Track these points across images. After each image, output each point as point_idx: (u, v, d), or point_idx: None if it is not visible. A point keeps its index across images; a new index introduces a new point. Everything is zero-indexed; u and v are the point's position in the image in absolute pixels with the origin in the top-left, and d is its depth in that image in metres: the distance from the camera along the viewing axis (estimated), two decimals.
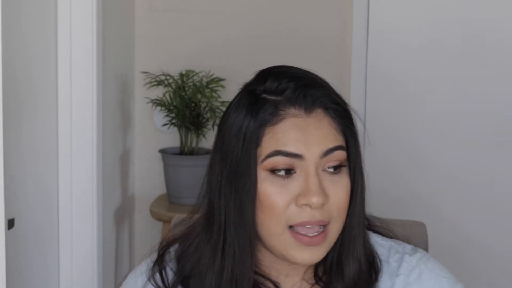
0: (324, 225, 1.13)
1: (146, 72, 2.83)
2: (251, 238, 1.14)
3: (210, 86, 2.76)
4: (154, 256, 1.24)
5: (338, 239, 1.17)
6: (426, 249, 1.51)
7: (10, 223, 1.97)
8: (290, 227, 1.12)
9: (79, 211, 2.45)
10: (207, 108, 2.76)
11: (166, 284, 1.20)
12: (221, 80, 2.79)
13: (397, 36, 2.88)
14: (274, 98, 1.14)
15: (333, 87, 1.20)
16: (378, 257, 1.22)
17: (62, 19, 2.37)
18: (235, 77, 2.89)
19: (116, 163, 2.81)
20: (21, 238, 2.18)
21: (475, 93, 2.85)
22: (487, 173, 2.86)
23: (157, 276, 1.22)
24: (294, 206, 1.11)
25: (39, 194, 2.35)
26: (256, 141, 1.13)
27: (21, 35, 2.15)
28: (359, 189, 1.17)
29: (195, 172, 2.77)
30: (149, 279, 1.21)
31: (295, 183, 1.12)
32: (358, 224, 1.17)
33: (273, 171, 1.12)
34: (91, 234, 2.48)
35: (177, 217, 1.48)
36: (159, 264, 1.22)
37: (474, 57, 2.84)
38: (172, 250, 1.24)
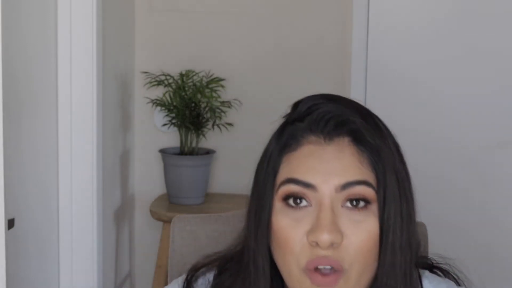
0: (339, 270, 1.01)
1: (146, 72, 2.83)
2: (265, 273, 1.06)
3: (210, 86, 2.75)
4: (183, 277, 1.17)
5: None
6: (426, 249, 1.51)
7: (10, 223, 1.97)
8: (307, 269, 1.02)
9: (79, 211, 2.45)
10: (207, 108, 2.75)
11: None
12: (221, 80, 2.79)
13: (397, 36, 2.88)
14: (299, 123, 1.05)
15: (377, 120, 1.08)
16: None
17: (62, 19, 2.37)
18: (235, 77, 2.91)
19: (116, 163, 2.81)
20: (21, 238, 2.18)
21: (476, 92, 2.85)
22: (487, 173, 2.86)
23: None
24: (305, 243, 1.01)
25: (39, 194, 2.35)
26: (274, 169, 1.05)
27: (21, 35, 2.15)
28: (390, 234, 1.02)
29: (195, 172, 2.77)
30: None
31: (308, 217, 1.01)
32: (394, 274, 1.04)
33: (286, 200, 1.03)
34: (91, 234, 2.48)
35: (177, 217, 1.48)
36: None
37: (474, 56, 2.84)
38: (208, 275, 1.16)
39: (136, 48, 3.01)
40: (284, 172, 1.04)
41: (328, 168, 1.02)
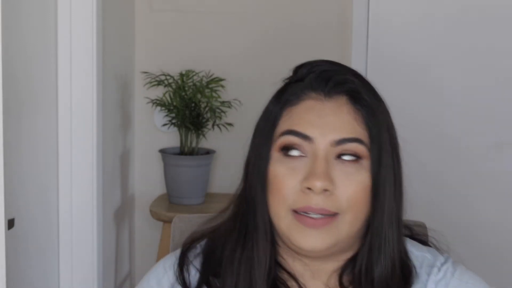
0: (331, 215, 1.08)
1: (146, 72, 2.83)
2: (265, 223, 1.12)
3: (210, 86, 2.75)
4: (178, 252, 1.20)
5: (365, 242, 1.12)
6: None
7: (10, 223, 1.97)
8: (294, 211, 1.08)
9: (79, 211, 2.45)
10: (207, 108, 2.75)
11: (188, 283, 1.16)
12: (221, 80, 2.79)
13: (396, 36, 2.88)
14: (299, 82, 1.13)
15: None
16: (414, 267, 1.17)
17: (62, 19, 2.37)
18: (235, 77, 2.91)
19: (116, 163, 2.81)
20: (21, 238, 2.18)
21: (476, 92, 2.85)
22: (487, 173, 2.86)
23: (180, 273, 1.18)
24: (299, 190, 1.08)
25: (39, 194, 2.35)
26: (274, 121, 1.12)
27: (21, 35, 2.15)
28: (387, 188, 1.10)
29: (195, 172, 2.77)
30: (177, 279, 1.17)
31: (303, 167, 1.08)
32: (390, 224, 1.11)
33: (284, 150, 1.10)
34: (91, 234, 2.48)
35: (177, 217, 1.48)
36: (182, 261, 1.18)
37: (475, 56, 2.84)
38: (199, 246, 1.21)
39: (136, 48, 3.01)
40: (285, 124, 1.11)
41: (326, 123, 1.09)
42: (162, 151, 2.83)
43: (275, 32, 2.94)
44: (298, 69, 1.16)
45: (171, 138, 2.95)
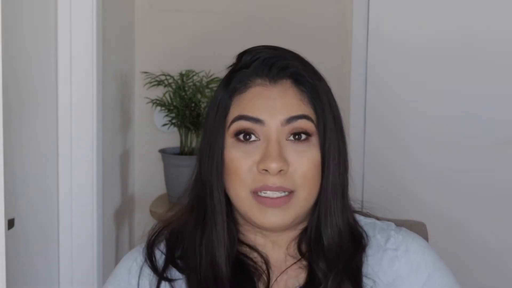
0: (289, 192, 1.15)
1: (146, 72, 2.83)
2: (222, 204, 1.19)
3: (210, 86, 2.75)
4: (145, 244, 1.27)
5: (315, 212, 1.20)
6: None
7: (10, 223, 1.97)
8: (254, 192, 1.16)
9: (79, 211, 2.45)
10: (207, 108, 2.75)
11: (156, 266, 1.23)
12: (221, 80, 2.78)
13: (397, 35, 2.88)
14: (244, 70, 1.21)
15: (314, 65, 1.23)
16: (365, 231, 1.25)
17: (62, 19, 2.37)
18: None
19: (116, 163, 2.81)
20: (21, 238, 2.18)
21: (475, 92, 2.85)
22: (487, 173, 2.86)
23: (148, 259, 1.25)
24: (255, 172, 1.15)
25: (39, 194, 2.35)
26: (225, 109, 1.19)
27: (21, 35, 2.15)
28: (331, 161, 1.18)
29: None
30: (145, 261, 1.24)
31: (257, 149, 1.16)
32: (334, 195, 1.19)
33: (237, 136, 1.17)
34: (91, 234, 2.48)
35: None
36: (150, 248, 1.26)
37: (474, 57, 2.84)
38: (165, 231, 1.28)
39: (136, 48, 3.01)
40: (235, 111, 1.18)
41: (274, 105, 1.16)
42: (162, 151, 2.83)
43: (275, 32, 2.94)
44: (241, 56, 1.24)
45: (171, 138, 2.95)
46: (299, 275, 1.22)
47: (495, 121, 2.84)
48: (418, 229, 1.57)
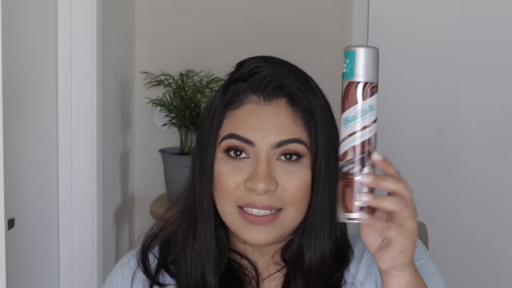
0: (277, 210, 1.15)
1: (146, 72, 2.83)
2: (209, 215, 1.19)
3: (210, 86, 2.75)
4: (140, 247, 1.29)
5: (299, 230, 1.20)
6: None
7: (10, 223, 1.97)
8: (240, 207, 1.16)
9: (79, 211, 2.45)
10: None
11: (149, 270, 1.25)
12: (221, 80, 2.79)
13: (397, 31, 2.88)
14: (242, 83, 1.19)
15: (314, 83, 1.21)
16: (351, 247, 1.24)
17: (62, 19, 2.37)
18: None
19: (116, 163, 2.81)
20: (21, 238, 2.18)
21: (476, 91, 2.85)
22: (487, 173, 2.86)
23: (141, 264, 1.26)
24: (242, 188, 1.15)
25: (39, 194, 2.35)
26: (218, 123, 1.18)
27: (21, 35, 2.15)
28: (321, 182, 1.17)
29: None
30: (138, 264, 1.26)
31: (246, 167, 1.15)
32: (322, 216, 1.18)
33: (228, 152, 1.16)
34: (91, 234, 2.48)
35: None
36: (144, 252, 1.27)
37: (475, 56, 2.84)
38: (159, 235, 1.29)
39: (136, 48, 3.01)
40: (227, 127, 1.17)
41: (266, 127, 1.15)
42: (162, 151, 2.83)
43: (275, 32, 2.94)
44: (240, 65, 1.22)
45: (171, 138, 2.95)
46: (280, 282, 1.23)
47: (496, 120, 2.83)
48: (418, 229, 1.57)
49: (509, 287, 2.86)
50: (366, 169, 1.02)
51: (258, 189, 1.13)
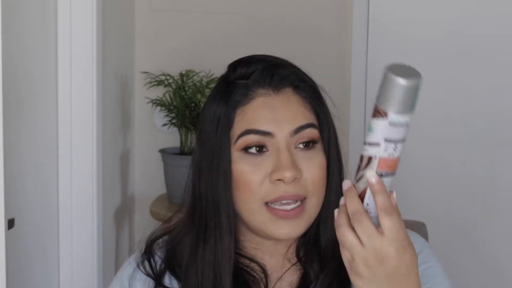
0: (302, 200, 1.15)
1: (146, 72, 2.83)
2: (229, 218, 1.17)
3: (210, 86, 2.75)
4: (144, 247, 1.29)
5: (316, 217, 1.19)
6: None
7: (10, 223, 1.97)
8: (266, 203, 1.15)
9: (79, 211, 2.45)
10: None
11: (155, 270, 1.24)
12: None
13: (398, 29, 2.88)
14: (244, 81, 1.18)
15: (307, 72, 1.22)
16: None
17: (62, 19, 2.37)
18: None
19: (116, 163, 2.81)
20: (21, 238, 2.18)
21: (476, 91, 2.85)
22: (487, 173, 2.86)
23: (146, 263, 1.25)
24: (268, 183, 1.14)
25: (39, 194, 2.35)
26: (228, 123, 1.17)
27: (21, 35, 2.15)
28: (335, 166, 1.19)
29: None
30: (138, 266, 1.26)
31: (268, 161, 1.15)
32: (335, 199, 1.17)
33: (246, 150, 1.15)
34: (91, 234, 2.48)
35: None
36: (147, 252, 1.26)
37: (475, 56, 2.84)
38: (162, 240, 1.28)
39: (136, 48, 3.01)
40: (240, 124, 1.16)
41: (280, 116, 1.15)
42: (162, 151, 2.83)
43: (275, 32, 2.94)
44: (235, 67, 1.22)
45: (171, 138, 2.95)
46: (293, 278, 1.23)
47: (497, 119, 2.83)
48: (418, 229, 1.57)
49: (509, 287, 2.86)
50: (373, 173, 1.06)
51: (287, 177, 1.12)
